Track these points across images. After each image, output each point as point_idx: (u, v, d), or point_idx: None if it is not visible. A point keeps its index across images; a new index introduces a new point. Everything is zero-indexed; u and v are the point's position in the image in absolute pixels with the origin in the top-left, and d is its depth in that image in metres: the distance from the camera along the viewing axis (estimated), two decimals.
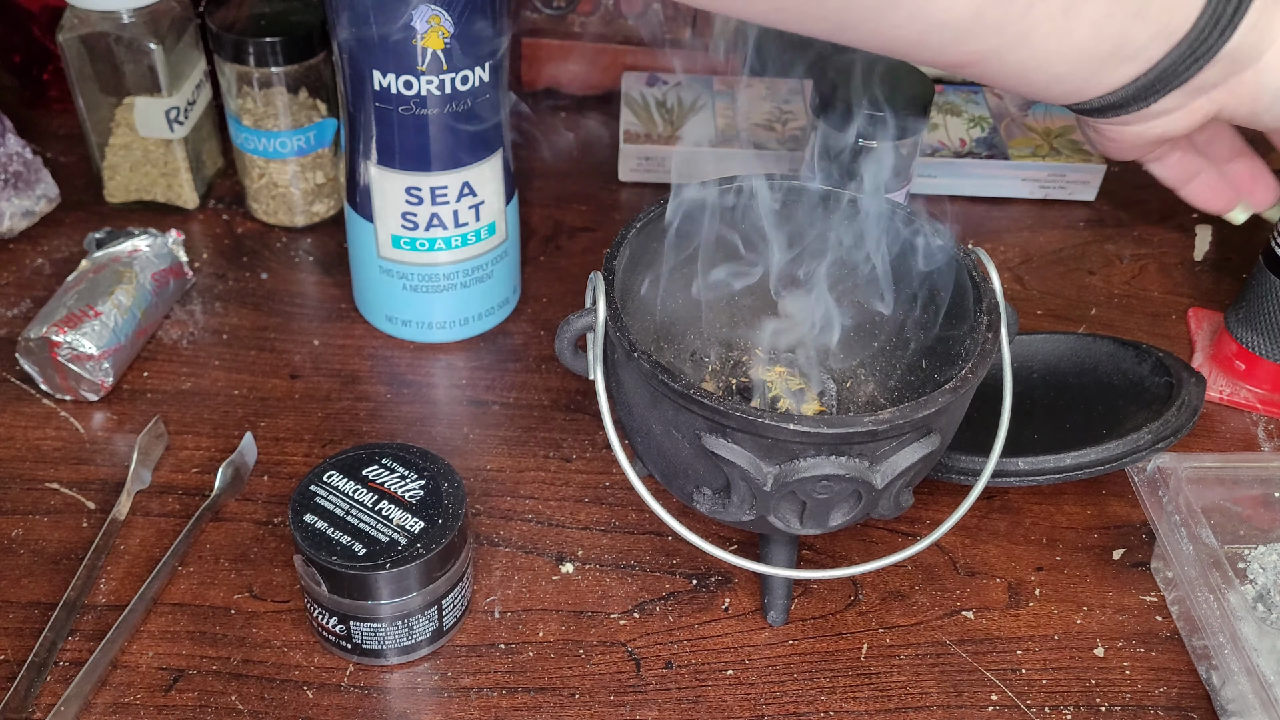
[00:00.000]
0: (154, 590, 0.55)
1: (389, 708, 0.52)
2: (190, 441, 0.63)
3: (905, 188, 0.71)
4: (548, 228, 0.79)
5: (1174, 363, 0.63)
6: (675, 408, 0.47)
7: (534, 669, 0.54)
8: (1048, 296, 0.76)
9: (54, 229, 0.76)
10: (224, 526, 0.59)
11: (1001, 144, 0.83)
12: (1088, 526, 0.62)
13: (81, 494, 0.60)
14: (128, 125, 0.74)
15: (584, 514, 0.61)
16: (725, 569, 0.58)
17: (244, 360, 0.68)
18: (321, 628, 0.52)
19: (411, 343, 0.70)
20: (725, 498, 0.49)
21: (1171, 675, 0.55)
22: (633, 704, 0.53)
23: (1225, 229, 0.83)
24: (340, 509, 0.51)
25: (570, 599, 0.57)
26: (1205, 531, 0.54)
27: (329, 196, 0.77)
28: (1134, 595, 0.58)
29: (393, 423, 0.65)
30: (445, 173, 0.62)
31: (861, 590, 0.58)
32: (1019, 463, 0.59)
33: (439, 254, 0.65)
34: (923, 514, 0.61)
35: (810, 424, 0.45)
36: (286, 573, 0.57)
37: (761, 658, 0.55)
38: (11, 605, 0.55)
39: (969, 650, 0.56)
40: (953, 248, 0.54)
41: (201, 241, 0.76)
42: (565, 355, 0.52)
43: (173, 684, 0.52)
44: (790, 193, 0.57)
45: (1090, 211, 0.83)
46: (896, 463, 0.47)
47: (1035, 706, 0.53)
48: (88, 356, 0.62)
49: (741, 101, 0.85)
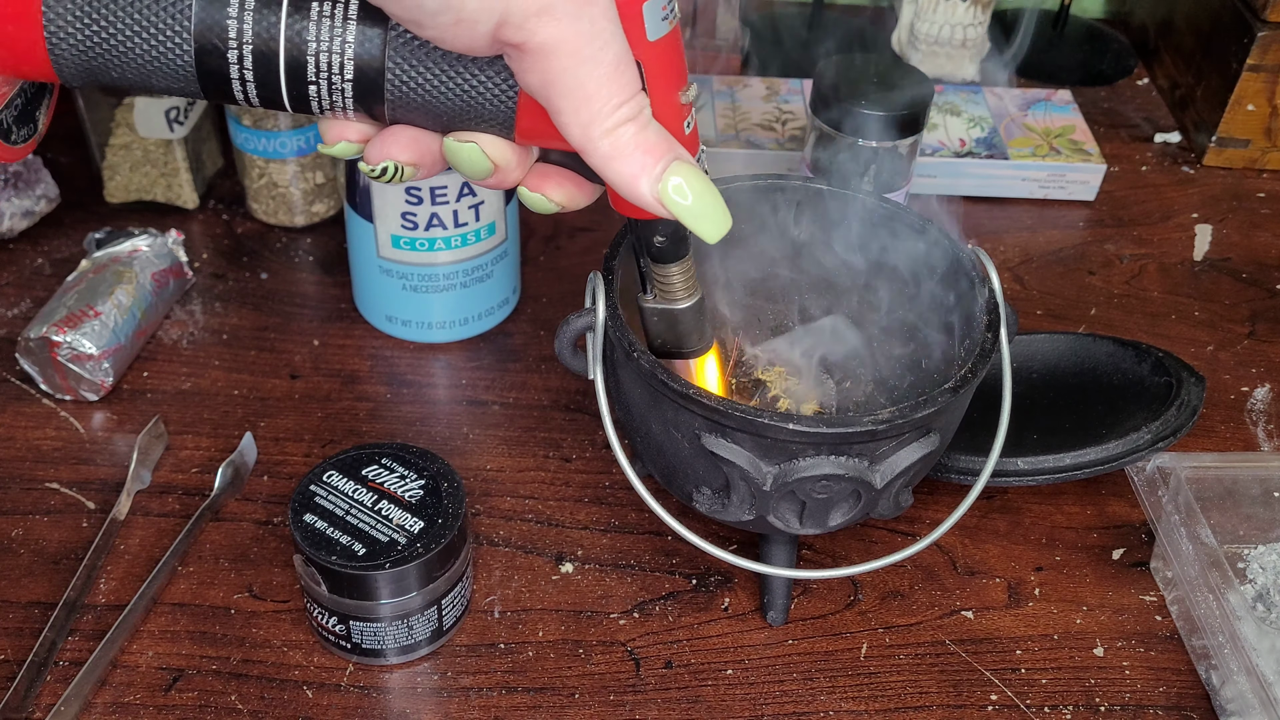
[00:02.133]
0: (154, 590, 0.55)
1: (389, 708, 0.52)
2: (190, 441, 0.63)
3: (905, 187, 0.71)
4: (548, 228, 0.79)
5: (1174, 363, 0.63)
6: (675, 407, 0.47)
7: (534, 669, 0.54)
8: (1048, 296, 0.76)
9: (54, 229, 0.76)
10: (224, 526, 0.59)
11: (1001, 144, 0.83)
12: (1087, 526, 0.62)
13: (81, 494, 0.60)
14: (128, 125, 0.74)
15: (584, 514, 0.61)
16: (725, 569, 0.58)
17: (244, 360, 0.68)
18: (321, 627, 0.52)
19: (411, 343, 0.70)
20: (725, 497, 0.49)
21: (1171, 675, 0.55)
22: (632, 704, 0.53)
23: (1225, 228, 0.83)
24: (340, 509, 0.51)
25: (570, 599, 0.57)
26: (1205, 531, 0.54)
27: (329, 196, 0.77)
28: (1134, 595, 0.58)
29: (393, 423, 0.65)
30: (445, 173, 0.62)
31: (861, 590, 0.58)
32: (1019, 463, 0.59)
33: (439, 254, 0.65)
34: (922, 514, 0.61)
35: (810, 424, 0.45)
36: (286, 573, 0.57)
37: (761, 657, 0.55)
38: (11, 605, 0.55)
39: (969, 650, 0.56)
40: (953, 248, 0.54)
41: (201, 241, 0.76)
42: (565, 355, 0.52)
43: (172, 684, 0.52)
44: (790, 193, 0.57)
45: (1090, 211, 0.83)
46: (896, 463, 0.47)
47: (1035, 706, 0.53)
48: (88, 356, 0.62)
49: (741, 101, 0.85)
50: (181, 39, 0.35)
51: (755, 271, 0.59)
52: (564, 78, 0.36)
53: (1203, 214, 0.84)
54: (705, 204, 0.39)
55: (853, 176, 0.69)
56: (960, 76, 0.92)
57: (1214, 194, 0.86)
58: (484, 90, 0.37)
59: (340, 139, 0.40)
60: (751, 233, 0.58)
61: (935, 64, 0.92)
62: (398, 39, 0.36)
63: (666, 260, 0.45)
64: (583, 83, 0.36)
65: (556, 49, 0.35)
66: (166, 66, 0.36)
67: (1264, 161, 0.88)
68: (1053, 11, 1.02)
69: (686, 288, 0.46)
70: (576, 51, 0.35)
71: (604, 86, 0.36)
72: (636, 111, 0.37)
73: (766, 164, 0.81)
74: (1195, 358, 0.72)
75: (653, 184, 0.38)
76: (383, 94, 0.37)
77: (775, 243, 0.58)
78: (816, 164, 0.70)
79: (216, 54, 0.36)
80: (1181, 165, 0.89)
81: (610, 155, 0.37)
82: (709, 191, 0.39)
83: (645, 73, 0.38)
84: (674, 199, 0.38)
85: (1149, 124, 0.93)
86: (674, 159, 0.38)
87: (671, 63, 0.40)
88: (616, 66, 0.36)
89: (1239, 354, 0.72)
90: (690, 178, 0.38)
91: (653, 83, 0.39)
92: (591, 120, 0.36)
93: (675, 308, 0.47)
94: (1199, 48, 0.91)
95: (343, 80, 0.37)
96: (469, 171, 0.40)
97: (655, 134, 0.38)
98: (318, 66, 0.36)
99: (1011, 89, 0.89)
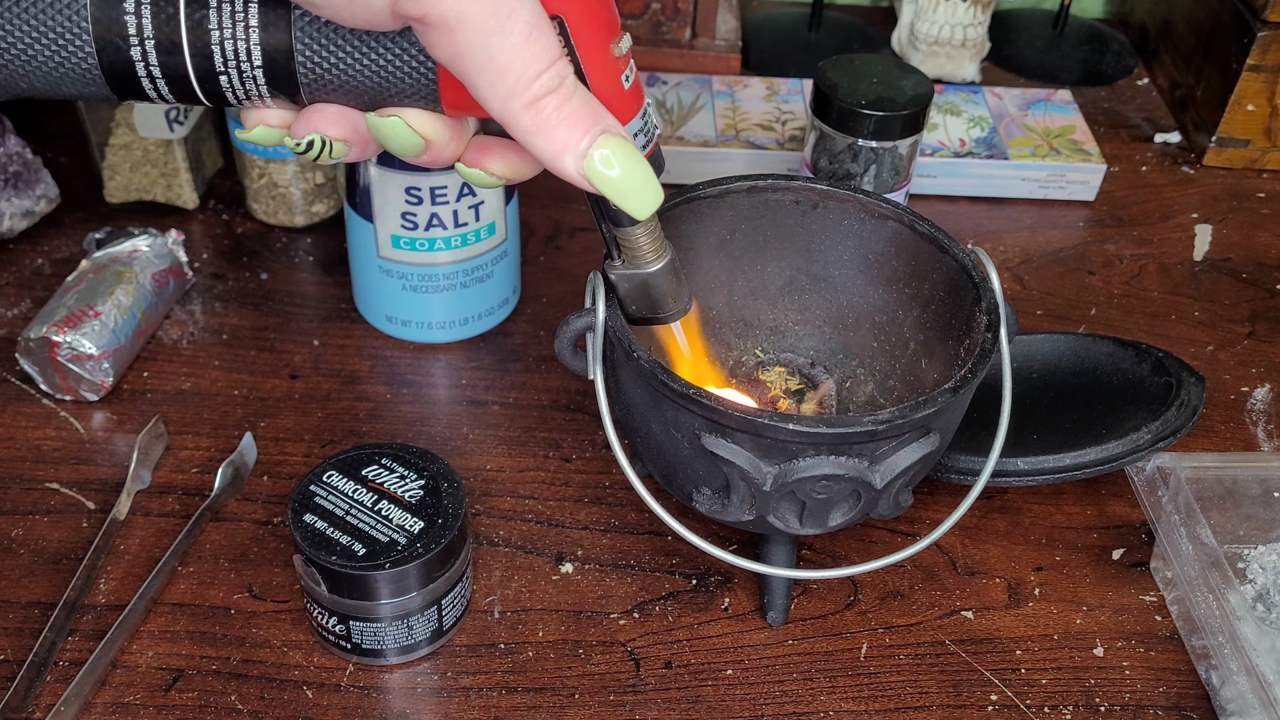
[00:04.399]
0: (154, 590, 0.55)
1: (389, 708, 0.52)
2: (190, 441, 0.63)
3: (904, 187, 0.71)
4: (548, 228, 0.79)
5: (1173, 363, 0.63)
6: (675, 407, 0.47)
7: (534, 669, 0.54)
8: (1048, 296, 0.76)
9: (54, 229, 0.76)
10: (224, 526, 0.59)
11: (1001, 144, 0.83)
12: (1087, 526, 0.62)
13: (81, 494, 0.60)
14: (128, 125, 0.74)
15: (584, 514, 0.61)
16: (725, 569, 0.58)
17: (244, 360, 0.68)
18: (321, 628, 0.52)
19: (411, 343, 0.70)
20: (725, 498, 0.49)
21: (1171, 675, 0.55)
22: (632, 704, 0.53)
23: (1225, 229, 0.83)
24: (340, 509, 0.51)
25: (570, 599, 0.57)
26: (1205, 531, 0.54)
27: (329, 196, 0.77)
28: (1133, 595, 0.58)
29: (393, 423, 0.65)
30: (445, 172, 0.62)
31: (861, 590, 0.58)
32: (1018, 463, 0.59)
33: (439, 254, 0.65)
34: (922, 514, 0.61)
35: (809, 424, 0.45)
36: (286, 573, 0.57)
37: (761, 658, 0.55)
38: (11, 605, 0.55)
39: (969, 650, 0.56)
40: (953, 248, 0.54)
41: (201, 241, 0.76)
42: (565, 355, 0.52)
43: (172, 684, 0.52)
44: (790, 193, 0.57)
45: (1090, 211, 0.83)
46: (896, 463, 0.47)
47: (1035, 706, 0.53)
48: (88, 356, 0.62)
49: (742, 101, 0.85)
50: (81, 40, 0.34)
51: (754, 272, 0.59)
52: (472, 51, 0.33)
53: (1203, 214, 0.84)
54: (633, 179, 0.36)
55: (853, 177, 0.69)
56: (960, 76, 0.92)
57: (1214, 194, 0.86)
58: (400, 65, 0.36)
59: (259, 123, 0.38)
60: (751, 233, 0.58)
61: (935, 64, 0.92)
62: (302, 18, 0.35)
63: (629, 223, 0.43)
64: (493, 55, 0.33)
65: (460, 21, 0.33)
66: (72, 71, 0.35)
67: (1264, 161, 0.88)
68: (1053, 11, 1.02)
69: (655, 249, 0.44)
70: (481, 23, 0.33)
71: (518, 58, 0.33)
72: (557, 82, 0.35)
73: (766, 164, 0.81)
74: (1195, 358, 0.72)
75: (578, 160, 0.36)
76: (296, 78, 0.36)
77: (774, 243, 0.58)
78: (816, 164, 0.70)
79: (119, 52, 0.35)
80: (1181, 165, 0.89)
81: (532, 130, 0.35)
82: (638, 165, 0.36)
83: (569, 27, 0.35)
84: (600, 172, 0.36)
85: (1149, 124, 0.93)
86: (601, 131, 0.36)
87: (597, 13, 0.36)
88: (529, 34, 0.33)
89: (1239, 354, 0.72)
90: (618, 150, 0.36)
91: (580, 38, 0.36)
92: (510, 94, 0.34)
93: (645, 271, 0.44)
94: (1199, 48, 0.91)
95: (253, 67, 0.35)
96: (397, 148, 0.38)
97: (579, 104, 0.35)
98: (224, 55, 0.35)
99: (1011, 89, 0.89)
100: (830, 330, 0.60)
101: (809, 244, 0.58)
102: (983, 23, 0.91)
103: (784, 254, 0.59)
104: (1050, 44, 0.99)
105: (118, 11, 0.34)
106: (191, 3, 0.34)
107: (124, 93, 0.36)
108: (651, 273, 0.44)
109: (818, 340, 0.60)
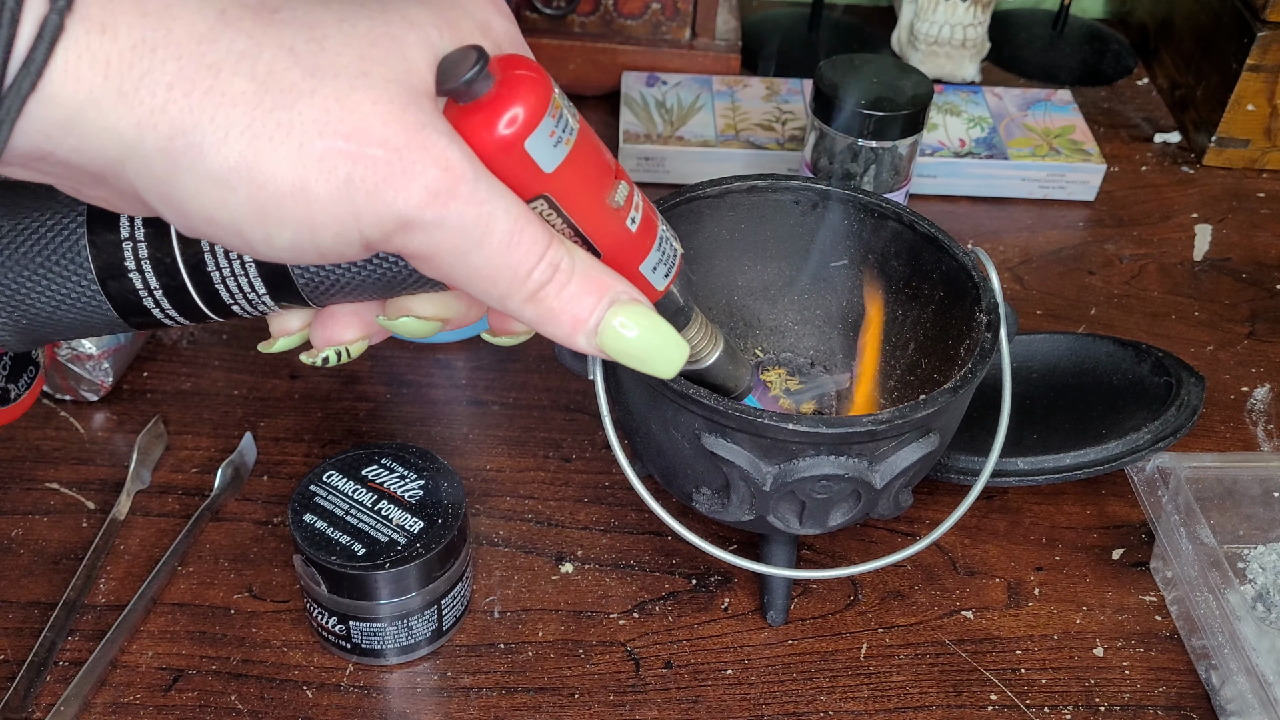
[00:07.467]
0: (154, 590, 0.55)
1: (388, 708, 0.52)
2: (190, 441, 0.63)
3: (904, 187, 0.71)
4: None
5: (1173, 363, 0.63)
6: (674, 407, 0.47)
7: (533, 669, 0.54)
8: (1047, 296, 0.76)
9: None
10: (224, 526, 0.59)
11: (1001, 144, 0.83)
12: (1087, 526, 0.62)
13: (81, 494, 0.60)
14: None
15: (584, 514, 0.61)
16: (725, 569, 0.58)
17: (244, 360, 0.68)
18: (321, 627, 0.52)
19: (411, 343, 0.70)
20: (725, 498, 0.49)
21: (1171, 675, 0.55)
22: (632, 704, 0.53)
23: (1225, 228, 0.83)
24: (340, 509, 0.51)
25: (570, 599, 0.57)
26: (1204, 531, 0.54)
27: None
28: (1133, 595, 0.58)
29: (392, 423, 0.65)
30: None
31: (861, 590, 0.58)
32: (1018, 463, 0.59)
33: None
34: (922, 514, 0.61)
35: (809, 424, 0.45)
36: (286, 573, 0.57)
37: (761, 657, 0.55)
38: (11, 605, 0.55)
39: (968, 650, 0.56)
40: (953, 248, 0.54)
41: None
42: (565, 355, 0.52)
43: (172, 684, 0.52)
44: (790, 193, 0.57)
45: (1090, 211, 0.83)
46: (896, 463, 0.47)
47: (1035, 706, 0.53)
48: (87, 356, 0.62)
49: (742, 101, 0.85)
50: (92, 289, 0.36)
51: (754, 272, 0.59)
52: (456, 271, 0.32)
53: (1203, 214, 0.84)
54: (650, 342, 0.35)
55: (852, 177, 0.69)
56: (960, 76, 0.92)
57: (1214, 194, 0.86)
58: (398, 265, 0.36)
59: (283, 333, 0.38)
60: (750, 234, 0.58)
61: (935, 64, 0.92)
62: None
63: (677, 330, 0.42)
64: (478, 269, 0.32)
65: (435, 252, 0.32)
66: (93, 316, 0.36)
67: (1264, 161, 0.88)
68: (1053, 11, 1.02)
69: (708, 343, 0.44)
70: (456, 248, 0.32)
71: (504, 265, 0.32)
72: (551, 272, 0.33)
73: (766, 164, 0.81)
74: (1195, 358, 0.72)
75: (589, 337, 0.35)
76: (298, 290, 0.36)
77: (774, 243, 0.58)
78: (816, 164, 0.70)
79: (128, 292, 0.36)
80: (1181, 165, 0.89)
81: (537, 320, 0.34)
82: (653, 327, 0.35)
83: (558, 201, 0.34)
84: (616, 345, 0.35)
85: (1149, 124, 0.93)
86: (610, 302, 0.35)
87: (586, 177, 0.34)
88: (509, 241, 0.32)
89: (1239, 354, 0.72)
90: (630, 316, 0.35)
91: (571, 206, 0.34)
92: (505, 295, 0.33)
93: (702, 366, 0.44)
94: (1199, 48, 0.91)
95: (255, 292, 0.36)
96: (419, 337, 0.38)
97: (580, 282, 0.34)
98: (223, 276, 0.36)
99: (1011, 89, 0.89)
100: (830, 330, 0.60)
101: (809, 244, 0.58)
102: (982, 23, 0.91)
103: (784, 254, 0.59)
104: (1050, 44, 1.00)
105: (118, 258, 0.35)
106: (188, 247, 0.35)
107: (137, 324, 0.37)
108: (708, 366, 0.45)
109: (818, 340, 0.60)
